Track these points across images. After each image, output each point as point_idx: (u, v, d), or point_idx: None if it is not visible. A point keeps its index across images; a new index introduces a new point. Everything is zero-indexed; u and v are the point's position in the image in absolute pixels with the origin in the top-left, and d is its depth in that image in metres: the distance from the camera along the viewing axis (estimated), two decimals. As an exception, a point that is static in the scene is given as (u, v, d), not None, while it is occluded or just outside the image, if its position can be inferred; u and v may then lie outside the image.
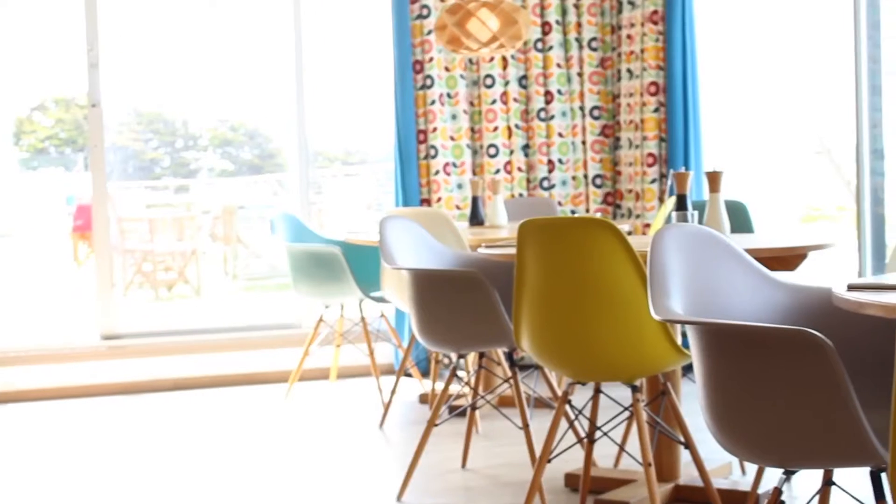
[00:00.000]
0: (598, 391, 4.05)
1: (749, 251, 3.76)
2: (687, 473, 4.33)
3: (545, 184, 7.03)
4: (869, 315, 2.26)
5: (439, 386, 5.78)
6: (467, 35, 5.82)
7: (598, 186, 7.07)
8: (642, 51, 6.77)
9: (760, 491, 4.23)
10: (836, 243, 4.09)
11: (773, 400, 2.51)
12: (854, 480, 3.24)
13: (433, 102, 6.88)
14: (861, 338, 2.82)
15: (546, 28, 6.99)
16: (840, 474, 2.93)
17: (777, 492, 2.69)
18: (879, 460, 2.40)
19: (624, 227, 5.85)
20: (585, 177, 7.07)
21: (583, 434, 4.21)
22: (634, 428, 4.32)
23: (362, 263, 6.10)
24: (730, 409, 2.59)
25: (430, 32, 6.83)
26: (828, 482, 2.87)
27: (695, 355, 2.65)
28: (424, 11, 6.86)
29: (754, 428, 2.57)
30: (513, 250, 3.84)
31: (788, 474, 2.70)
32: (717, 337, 2.57)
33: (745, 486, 4.25)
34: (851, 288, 2.39)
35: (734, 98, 6.77)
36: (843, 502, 3.61)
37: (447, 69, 6.94)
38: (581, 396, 4.78)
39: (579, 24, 7.03)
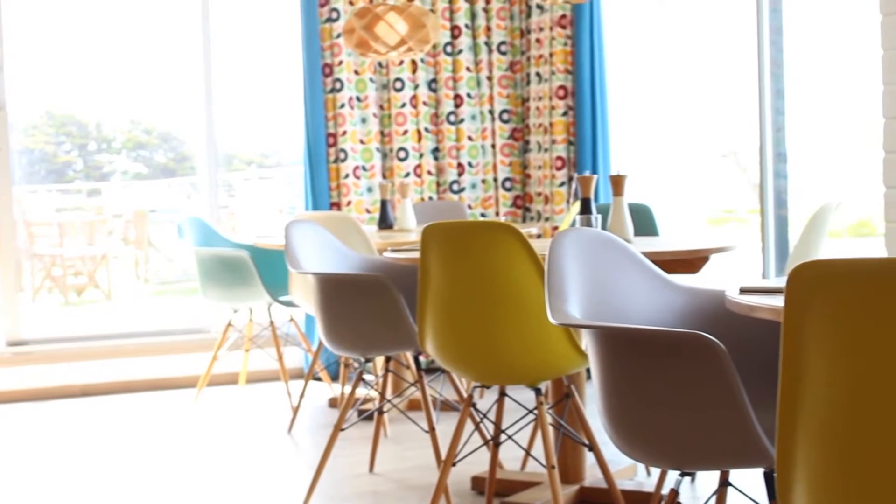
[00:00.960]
0: (502, 394, 4.06)
1: (652, 254, 3.81)
2: (592, 475, 4.36)
3: (455, 187, 7.04)
4: (760, 318, 2.29)
5: (349, 390, 5.77)
6: (375, 39, 5.82)
7: (508, 189, 7.10)
8: (551, 55, 6.80)
9: (664, 492, 4.27)
10: (738, 246, 4.14)
11: (667, 403, 2.53)
12: (751, 481, 3.28)
13: (343, 106, 6.87)
14: (754, 340, 2.86)
15: (455, 32, 7.01)
16: (737, 475, 2.97)
17: (673, 493, 2.71)
18: (771, 461, 2.43)
19: (532, 230, 5.90)
20: (495, 180, 7.10)
21: (489, 437, 4.22)
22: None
23: (271, 268, 6.07)
24: (626, 413, 2.61)
25: (339, 36, 6.82)
26: (724, 483, 2.91)
27: (592, 359, 2.67)
28: (333, 15, 6.85)
29: (650, 431, 2.60)
30: (418, 254, 3.84)
31: (685, 476, 2.72)
32: (612, 340, 2.59)
33: (650, 487, 4.29)
34: (743, 291, 2.42)
35: (642, 102, 6.83)
36: (741, 502, 3.66)
37: (357, 73, 6.93)
38: (489, 399, 4.79)
39: (488, 28, 7.05)
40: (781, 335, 1.84)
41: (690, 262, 4.04)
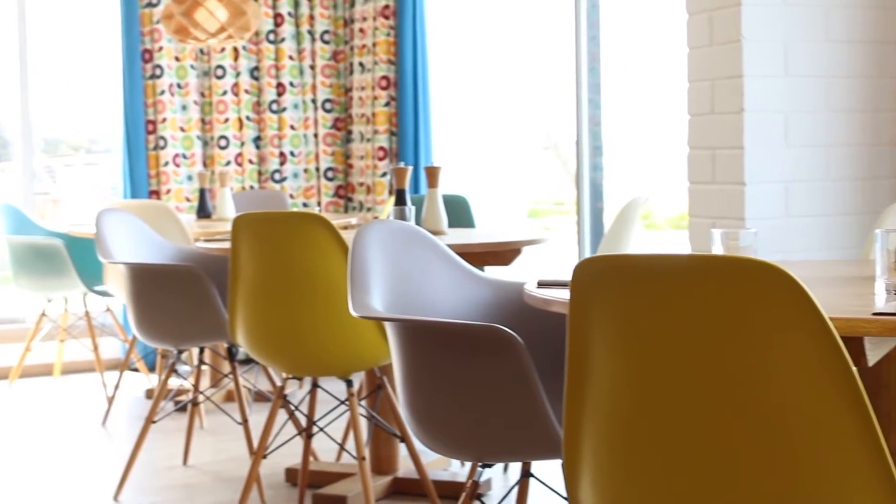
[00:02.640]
0: (315, 386, 4.05)
1: (463, 246, 3.83)
2: (406, 466, 4.37)
3: (277, 176, 6.99)
4: (556, 311, 2.32)
5: (165, 381, 5.68)
6: (195, 25, 5.74)
7: (330, 179, 7.08)
8: (374, 45, 6.80)
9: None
10: (549, 238, 4.19)
11: (467, 395, 2.55)
12: (555, 472, 3.32)
13: (163, 93, 6.76)
14: (554, 333, 2.89)
15: (278, 20, 6.95)
16: (541, 466, 3.00)
17: (475, 485, 2.73)
18: (568, 452, 2.46)
19: (353, 220, 5.89)
20: (317, 169, 7.07)
21: (303, 429, 4.20)
22: (354, 421, 4.34)
23: (85, 256, 5.95)
24: (426, 405, 2.62)
25: (158, 21, 6.71)
26: (526, 474, 2.94)
27: (393, 352, 2.67)
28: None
29: (450, 423, 2.61)
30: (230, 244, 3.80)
31: (486, 467, 2.75)
32: (413, 333, 2.59)
33: (464, 477, 4.32)
34: (541, 285, 2.45)
35: (465, 94, 6.87)
36: (543, 493, 3.71)
37: (177, 59, 6.83)
38: (306, 390, 4.77)
39: (312, 17, 7.01)
40: (567, 330, 1.86)
41: (502, 254, 4.07)
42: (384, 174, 6.75)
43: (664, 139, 6.45)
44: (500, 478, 4.48)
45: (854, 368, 1.64)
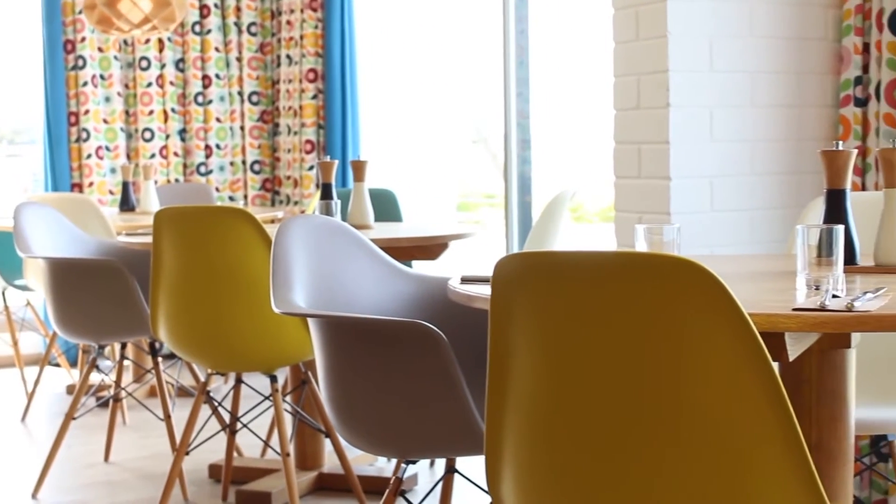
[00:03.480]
0: (239, 381, 4.01)
1: (389, 241, 3.81)
2: (332, 461, 4.34)
3: (202, 169, 6.92)
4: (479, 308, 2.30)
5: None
6: (118, 16, 5.65)
7: (257, 173, 7.02)
8: (302, 37, 6.75)
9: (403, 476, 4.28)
10: (476, 232, 4.18)
11: (389, 391, 2.52)
12: (479, 468, 3.30)
13: (85, 84, 6.67)
14: (478, 329, 2.87)
15: (204, 11, 6.88)
16: (467, 462, 2.99)
17: (398, 482, 2.71)
18: (491, 449, 2.44)
19: (279, 214, 5.84)
20: (244, 163, 7.01)
21: (226, 424, 4.16)
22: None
23: (4, 251, 5.84)
24: (350, 402, 2.59)
25: (81, 11, 6.61)
26: (450, 470, 2.92)
27: (316, 348, 2.64)
28: (76, -11, 6.64)
29: (374, 420, 2.59)
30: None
31: (410, 464, 2.72)
32: (335, 330, 2.57)
33: (391, 472, 4.30)
34: (465, 280, 2.42)
35: (394, 87, 6.84)
36: (469, 489, 3.70)
37: (101, 50, 6.74)
38: (230, 385, 4.72)
39: (238, 9, 6.94)
40: (489, 326, 1.84)
41: (429, 248, 4.05)
42: (311, 168, 6.71)
43: (593, 133, 6.46)
44: (426, 473, 4.46)
45: (773, 363, 1.64)
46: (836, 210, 2.51)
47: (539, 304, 1.75)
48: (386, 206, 5.01)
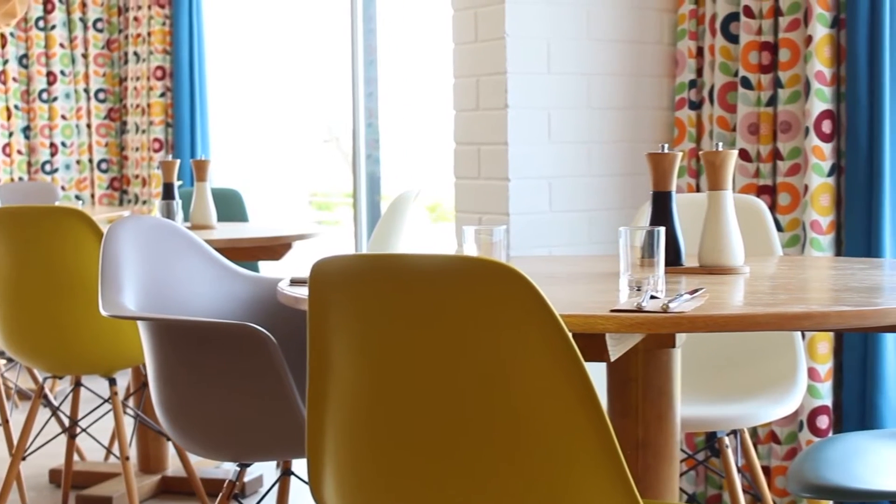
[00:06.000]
0: (78, 384, 3.95)
1: (232, 241, 3.79)
2: (176, 464, 4.30)
3: (47, 168, 6.79)
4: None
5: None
6: (-43, 10, 5.52)
7: (104, 171, 6.91)
8: (149, 34, 6.66)
9: (248, 479, 4.27)
10: (320, 232, 4.17)
11: (220, 395, 2.51)
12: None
13: (-75, 80, 6.50)
14: (311, 330, 2.87)
15: (48, 6, 6.75)
16: (304, 463, 2.98)
17: (231, 485, 2.69)
18: (321, 451, 2.44)
19: (126, 213, 5.76)
20: (90, 161, 6.90)
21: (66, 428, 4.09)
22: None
23: None
24: (181, 405, 2.57)
25: (-80, 5, 6.44)
26: (286, 472, 2.92)
27: (147, 351, 2.62)
28: (-86, -17, 6.47)
29: (205, 423, 2.57)
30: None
31: (244, 467, 2.71)
32: (166, 332, 2.54)
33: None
34: (294, 282, 2.42)
35: (244, 85, 6.79)
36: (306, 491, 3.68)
37: (-59, 45, 6.58)
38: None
39: (84, 4, 6.83)
40: (307, 328, 1.84)
41: (272, 248, 4.04)
42: (160, 166, 6.62)
43: (442, 133, 6.49)
44: (273, 475, 4.44)
45: (585, 364, 1.66)
46: (661, 212, 2.56)
47: (356, 306, 1.76)
48: (231, 206, 4.97)
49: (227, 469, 4.45)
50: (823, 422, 3.61)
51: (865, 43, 3.50)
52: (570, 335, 1.65)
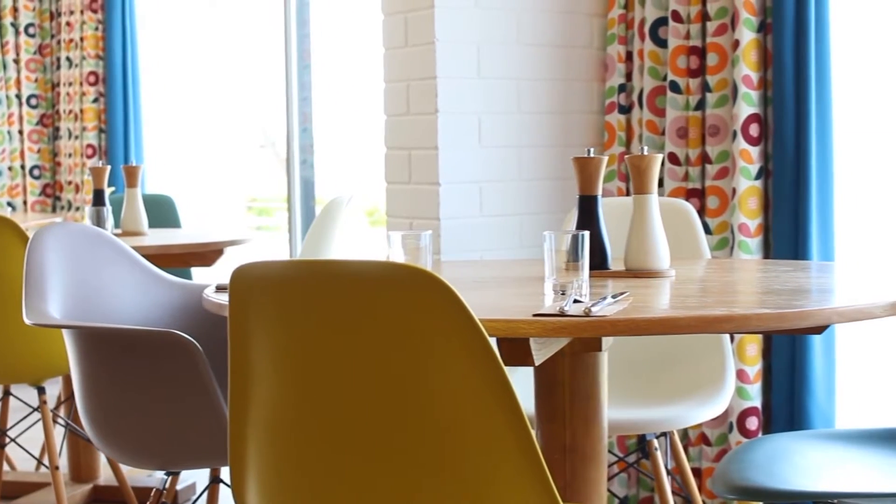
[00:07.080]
0: (7, 394, 3.91)
1: (163, 248, 3.76)
2: (108, 473, 4.27)
3: (-22, 174, 6.72)
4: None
5: None
6: None
7: (37, 178, 6.84)
8: (82, 39, 6.60)
9: (180, 487, 4.24)
10: (252, 238, 4.16)
11: (146, 403, 2.49)
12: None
13: None
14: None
15: (-21, 11, 6.68)
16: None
17: (158, 493, 2.67)
18: (249, 458, 2.43)
19: (59, 220, 5.70)
20: (23, 167, 6.82)
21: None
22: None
23: None
24: (108, 414, 2.55)
25: None
26: (215, 480, 2.90)
27: (72, 360, 2.59)
28: None
29: (132, 432, 2.55)
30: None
31: (171, 475, 2.69)
32: (91, 340, 2.52)
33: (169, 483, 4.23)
34: (219, 289, 2.41)
35: (179, 91, 6.75)
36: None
37: None
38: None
39: (16, 9, 6.76)
40: (228, 336, 1.83)
41: (204, 255, 4.02)
42: (90, 173, 6.56)
43: (374, 138, 6.49)
44: (206, 482, 4.41)
45: (507, 369, 1.67)
46: (587, 216, 2.57)
47: (277, 311, 1.75)
48: (164, 212, 4.94)
49: (160, 478, 4.41)
50: (753, 423, 3.65)
51: (791, 47, 3.54)
52: (490, 340, 1.65)
